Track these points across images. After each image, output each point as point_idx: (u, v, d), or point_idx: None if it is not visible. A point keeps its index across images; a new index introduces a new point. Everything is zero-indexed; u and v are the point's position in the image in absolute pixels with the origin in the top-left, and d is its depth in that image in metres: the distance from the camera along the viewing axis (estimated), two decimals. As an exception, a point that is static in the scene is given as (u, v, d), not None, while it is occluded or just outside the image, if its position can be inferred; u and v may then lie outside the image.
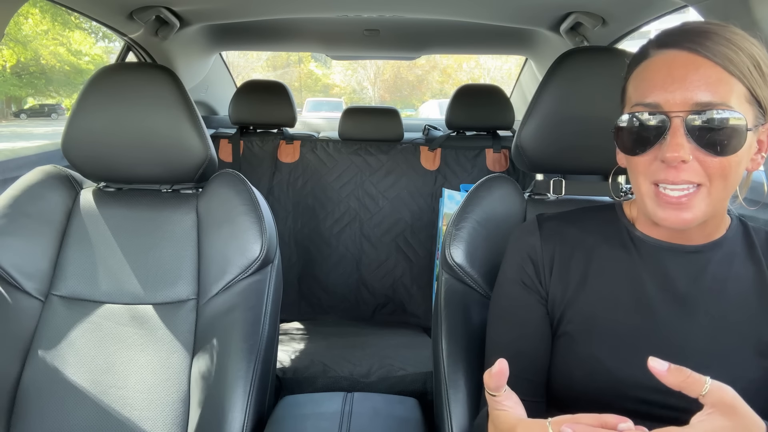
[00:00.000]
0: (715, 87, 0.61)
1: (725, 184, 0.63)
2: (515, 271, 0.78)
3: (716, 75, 0.61)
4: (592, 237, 0.76)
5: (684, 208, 0.63)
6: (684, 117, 0.61)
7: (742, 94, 0.62)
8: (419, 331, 2.01)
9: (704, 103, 0.61)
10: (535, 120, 0.98)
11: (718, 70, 0.61)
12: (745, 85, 0.62)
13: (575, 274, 0.75)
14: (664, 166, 0.63)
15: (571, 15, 1.58)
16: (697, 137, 0.61)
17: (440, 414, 0.89)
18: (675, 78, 0.62)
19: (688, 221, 0.64)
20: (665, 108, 0.63)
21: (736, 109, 0.61)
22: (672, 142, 0.61)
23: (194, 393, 0.98)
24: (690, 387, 0.50)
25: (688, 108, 0.61)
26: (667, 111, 0.62)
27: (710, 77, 0.61)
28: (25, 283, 1.03)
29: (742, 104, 0.62)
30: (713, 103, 0.61)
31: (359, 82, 25.30)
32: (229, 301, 1.03)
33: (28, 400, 0.97)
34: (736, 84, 0.61)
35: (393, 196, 2.16)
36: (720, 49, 0.61)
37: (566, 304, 0.74)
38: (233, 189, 1.11)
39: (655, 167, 0.64)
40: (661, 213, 0.64)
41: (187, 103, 1.08)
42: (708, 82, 0.61)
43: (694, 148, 0.62)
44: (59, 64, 17.14)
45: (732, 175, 0.63)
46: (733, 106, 0.61)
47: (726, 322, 0.68)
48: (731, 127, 0.61)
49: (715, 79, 0.61)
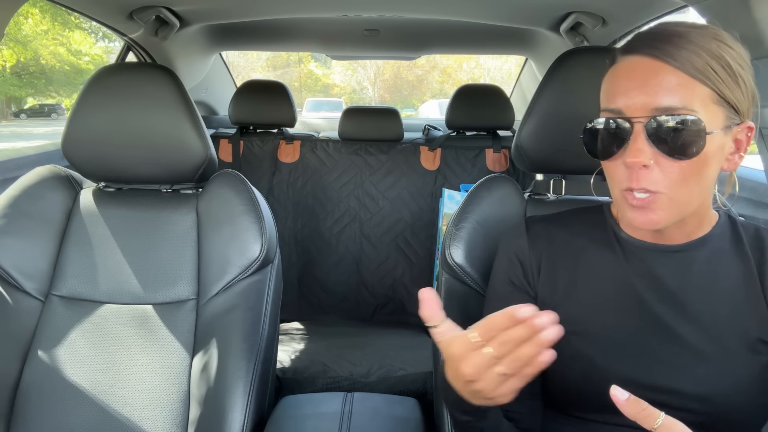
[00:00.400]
0: (675, 91, 0.61)
1: (688, 187, 0.63)
2: (504, 271, 0.79)
3: (676, 79, 0.61)
4: (579, 239, 0.77)
5: (649, 210, 0.64)
6: (644, 122, 0.62)
7: (706, 97, 0.62)
8: (419, 331, 2.01)
9: (664, 107, 0.61)
10: (535, 120, 0.98)
11: (679, 74, 0.61)
12: (710, 87, 0.61)
13: (563, 276, 0.75)
14: (629, 173, 0.64)
15: (571, 15, 1.58)
16: (657, 142, 0.62)
17: (440, 414, 0.90)
18: (636, 84, 0.63)
19: (656, 222, 0.65)
20: (627, 113, 0.63)
21: (698, 113, 0.61)
22: (633, 147, 0.62)
23: (194, 393, 0.98)
24: (645, 419, 0.53)
25: (648, 113, 0.62)
26: (629, 116, 0.63)
27: (670, 81, 0.61)
28: (25, 283, 1.03)
29: (707, 107, 0.62)
30: (673, 108, 0.61)
31: (359, 82, 25.31)
32: (229, 301, 1.03)
33: (28, 400, 0.97)
34: (699, 87, 0.61)
35: (393, 196, 2.16)
36: (681, 53, 0.61)
37: (555, 305, 0.74)
38: (233, 189, 1.11)
39: (621, 174, 0.65)
40: (631, 214, 0.66)
41: (187, 103, 1.08)
42: (668, 87, 0.61)
43: (656, 152, 0.62)
44: (59, 64, 17.16)
45: (695, 177, 0.63)
46: (696, 110, 0.61)
47: (715, 318, 0.69)
48: (690, 132, 0.61)
49: (675, 83, 0.61)
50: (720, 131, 0.63)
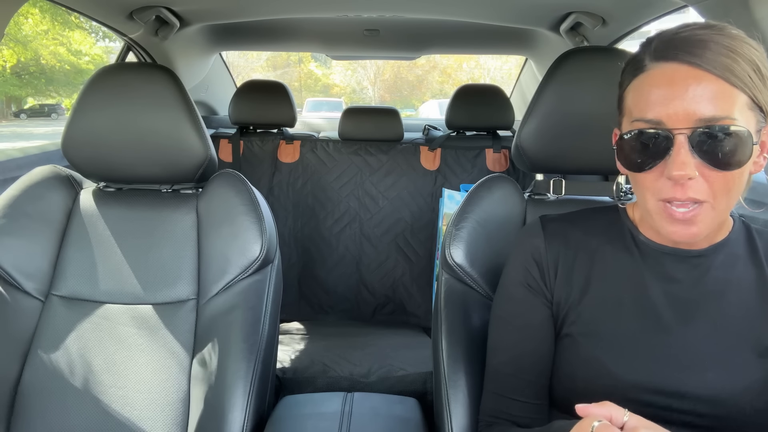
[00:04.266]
0: (718, 100, 0.59)
1: (729, 197, 0.63)
2: (519, 273, 0.78)
3: (718, 88, 0.60)
4: (595, 239, 0.76)
5: (691, 224, 0.63)
6: (688, 134, 0.60)
7: (744, 104, 0.61)
8: (419, 331, 2.01)
9: (707, 118, 0.59)
10: (535, 120, 0.98)
11: (720, 83, 0.60)
12: (747, 93, 0.60)
13: (579, 277, 0.74)
14: (671, 184, 0.62)
15: (571, 15, 1.58)
16: (701, 153, 0.60)
17: (440, 414, 0.89)
18: (676, 94, 0.61)
19: (696, 235, 0.63)
20: (668, 125, 0.61)
21: (740, 122, 0.60)
22: (677, 159, 0.60)
23: (194, 393, 0.98)
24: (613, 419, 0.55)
25: (691, 124, 0.60)
26: (670, 128, 0.61)
27: (712, 91, 0.60)
28: (25, 283, 1.03)
29: (744, 113, 0.61)
30: (717, 117, 0.59)
31: (359, 82, 25.30)
32: (229, 301, 1.03)
33: (28, 400, 0.97)
34: (739, 95, 0.60)
35: (393, 196, 2.16)
36: (721, 60, 0.60)
37: (570, 307, 0.74)
38: (233, 189, 1.11)
39: (661, 184, 0.63)
40: (670, 227, 0.64)
41: (187, 103, 1.08)
42: (710, 97, 0.59)
43: (699, 164, 0.61)
44: (59, 64, 17.15)
45: (736, 186, 0.62)
46: (737, 118, 0.60)
47: (727, 324, 0.69)
48: (736, 142, 0.60)
49: (718, 92, 0.60)
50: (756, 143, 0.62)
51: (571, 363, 0.73)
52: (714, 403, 0.66)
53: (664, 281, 0.71)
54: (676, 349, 0.69)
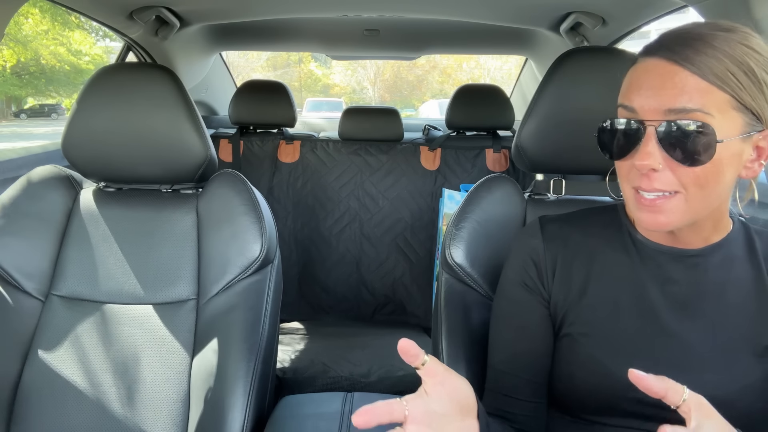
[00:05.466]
0: (690, 96, 0.60)
1: (703, 193, 0.63)
2: (517, 273, 0.78)
3: (692, 84, 0.60)
4: (594, 240, 0.76)
5: (658, 211, 0.64)
6: (656, 126, 0.62)
7: (724, 102, 0.60)
8: (419, 331, 2.01)
9: (677, 111, 0.60)
10: (535, 120, 0.98)
11: (695, 79, 0.60)
12: (728, 93, 0.60)
13: (577, 277, 0.75)
14: (639, 173, 0.64)
15: (571, 15, 1.58)
16: (668, 146, 0.61)
17: (440, 414, 0.89)
18: (651, 85, 0.63)
19: (663, 224, 0.64)
20: (640, 115, 0.63)
21: (713, 118, 0.60)
22: (643, 150, 0.62)
23: (194, 393, 0.98)
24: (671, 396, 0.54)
25: (660, 116, 0.61)
26: (642, 118, 0.63)
27: (685, 86, 0.60)
28: (25, 283, 1.03)
29: (725, 112, 0.60)
30: (686, 110, 0.60)
31: (359, 82, 25.31)
32: (229, 301, 1.03)
33: (28, 400, 0.97)
34: (716, 92, 0.60)
35: (393, 196, 2.16)
36: (700, 58, 0.60)
37: (568, 307, 0.74)
38: (233, 189, 1.11)
39: (633, 173, 0.65)
40: (639, 214, 0.66)
41: (187, 103, 1.08)
42: (683, 91, 0.60)
43: (666, 156, 0.62)
44: (59, 64, 17.15)
45: (711, 184, 0.62)
46: (713, 114, 0.60)
47: (725, 325, 0.69)
48: (700, 139, 0.60)
49: (691, 87, 0.60)
50: (737, 138, 0.61)
51: (570, 363, 0.73)
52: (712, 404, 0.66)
53: (662, 282, 0.71)
54: (674, 349, 0.69)
